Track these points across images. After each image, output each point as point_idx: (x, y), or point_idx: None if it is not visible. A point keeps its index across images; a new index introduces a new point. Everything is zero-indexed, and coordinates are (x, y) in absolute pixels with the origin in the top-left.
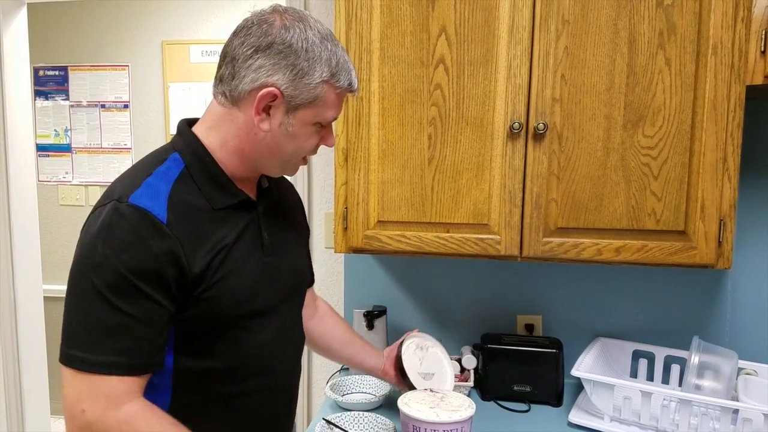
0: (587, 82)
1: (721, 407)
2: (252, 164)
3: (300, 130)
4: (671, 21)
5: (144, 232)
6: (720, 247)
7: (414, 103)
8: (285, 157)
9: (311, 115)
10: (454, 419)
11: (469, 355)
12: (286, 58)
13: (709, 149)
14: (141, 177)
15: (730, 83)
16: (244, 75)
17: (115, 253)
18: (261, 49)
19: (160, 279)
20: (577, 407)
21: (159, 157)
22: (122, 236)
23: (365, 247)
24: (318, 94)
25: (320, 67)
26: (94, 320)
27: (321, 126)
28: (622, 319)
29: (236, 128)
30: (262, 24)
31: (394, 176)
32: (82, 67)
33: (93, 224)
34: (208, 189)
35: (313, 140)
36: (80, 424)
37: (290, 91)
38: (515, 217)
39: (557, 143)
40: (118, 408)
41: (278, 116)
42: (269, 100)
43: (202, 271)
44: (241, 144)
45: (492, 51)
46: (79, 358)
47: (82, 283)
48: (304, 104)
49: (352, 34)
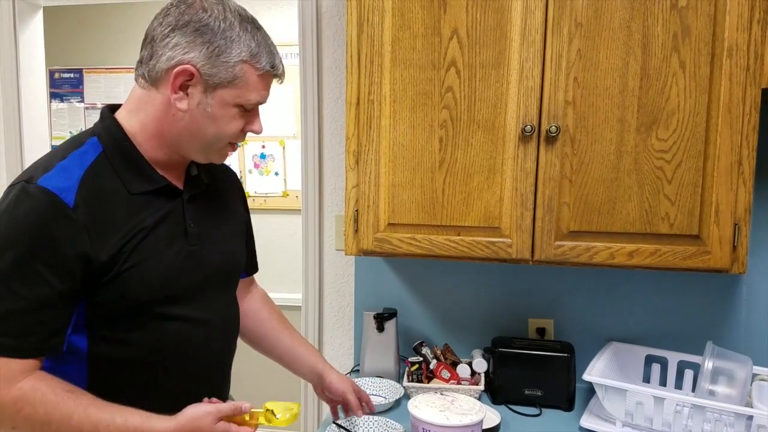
0: (600, 84)
1: (735, 413)
2: (172, 148)
3: (220, 111)
4: (685, 23)
5: (47, 215)
6: (734, 252)
7: (425, 106)
8: (206, 140)
9: (231, 96)
10: (464, 423)
11: (479, 358)
12: (203, 35)
13: (724, 152)
14: (55, 161)
15: (745, 86)
16: (161, 54)
17: (16, 234)
18: (177, 28)
19: (59, 263)
20: (589, 412)
21: (77, 142)
22: (25, 218)
23: (376, 250)
24: (237, 74)
25: (238, 47)
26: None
27: (245, 110)
28: (634, 323)
29: (155, 109)
30: (181, 5)
31: (404, 179)
32: (96, 70)
33: (1, 202)
34: (125, 173)
35: (236, 124)
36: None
37: (207, 69)
38: (527, 221)
39: (570, 146)
40: (11, 386)
41: (196, 95)
42: (186, 78)
43: (111, 257)
44: (160, 126)
45: (504, 53)
46: None
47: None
48: (222, 84)
49: (363, 38)
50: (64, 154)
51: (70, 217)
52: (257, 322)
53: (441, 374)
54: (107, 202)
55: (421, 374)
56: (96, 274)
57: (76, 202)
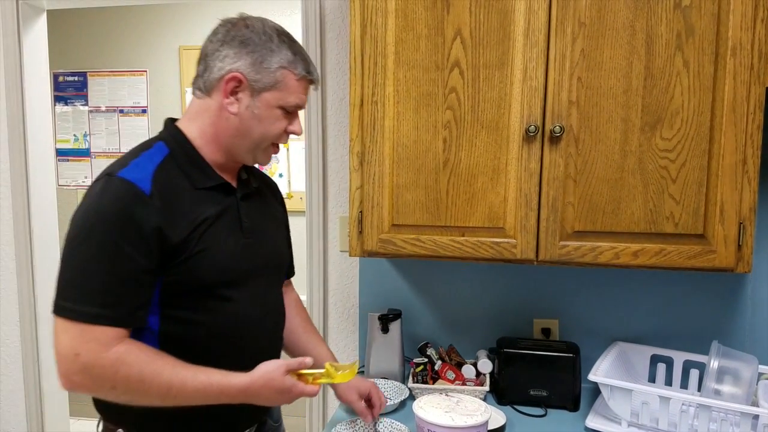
0: (604, 84)
1: (741, 413)
2: (227, 150)
3: (265, 113)
4: (689, 22)
5: (129, 200)
6: (739, 251)
7: (429, 107)
8: (254, 139)
9: (274, 99)
10: (469, 424)
11: (484, 359)
12: (247, 47)
13: (729, 152)
14: (130, 159)
15: (749, 85)
16: (213, 66)
17: (103, 216)
18: (226, 43)
19: (141, 242)
20: (594, 412)
21: (145, 145)
22: (110, 204)
23: (380, 251)
24: (278, 79)
25: (278, 55)
26: (84, 276)
27: (286, 112)
28: (640, 323)
29: (210, 116)
30: (227, 24)
31: (408, 180)
32: (100, 73)
33: (88, 195)
34: (189, 171)
35: (279, 124)
36: (76, 367)
37: (252, 75)
38: (531, 221)
39: (574, 146)
40: (109, 350)
41: (245, 99)
42: (235, 84)
43: (182, 240)
44: (215, 130)
45: (507, 54)
46: (69, 309)
47: (73, 243)
48: (267, 88)
49: (367, 39)
50: (136, 154)
51: (147, 202)
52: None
53: (446, 375)
54: (175, 194)
55: (426, 375)
56: (170, 254)
57: (151, 190)
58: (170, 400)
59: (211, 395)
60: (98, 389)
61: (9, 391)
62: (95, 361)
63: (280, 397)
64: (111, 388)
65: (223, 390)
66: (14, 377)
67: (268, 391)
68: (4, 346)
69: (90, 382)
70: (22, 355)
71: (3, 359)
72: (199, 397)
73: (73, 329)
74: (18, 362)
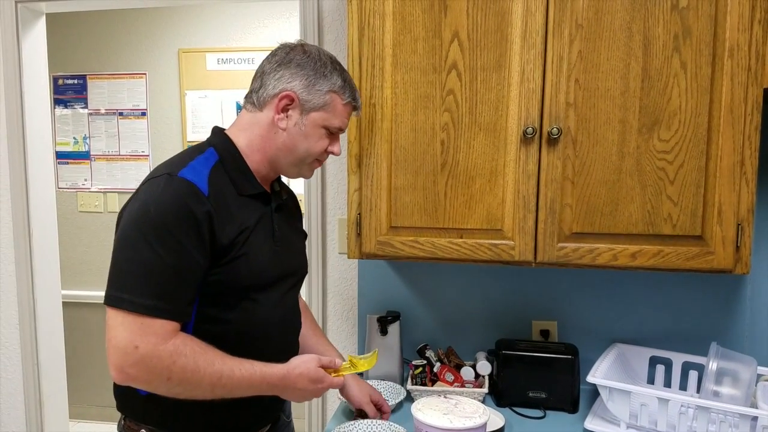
0: (601, 86)
1: (740, 414)
2: (271, 162)
3: (311, 131)
4: (686, 24)
5: (190, 198)
6: (738, 252)
7: (427, 109)
8: (299, 154)
9: (321, 119)
10: (468, 426)
11: (483, 361)
12: (303, 69)
13: (726, 153)
14: (186, 161)
15: (747, 86)
16: (269, 84)
17: (164, 212)
18: (283, 64)
19: (198, 238)
20: (593, 414)
21: (198, 150)
22: (172, 200)
23: (378, 253)
24: (327, 101)
25: (330, 80)
26: (144, 269)
27: (329, 132)
28: (638, 324)
29: (260, 129)
30: (286, 47)
31: (406, 182)
32: (100, 76)
33: (146, 191)
34: (236, 178)
35: (322, 143)
36: (133, 359)
37: (304, 95)
38: (529, 223)
39: (572, 148)
40: (167, 342)
41: (294, 117)
42: (287, 102)
43: (229, 243)
44: (263, 143)
45: (505, 56)
46: (128, 300)
47: (132, 236)
48: (315, 108)
49: (365, 41)
50: (191, 157)
51: (205, 203)
52: None
53: (445, 377)
54: (225, 198)
55: (425, 377)
56: (217, 255)
57: (209, 192)
58: (219, 389)
59: (254, 383)
60: (153, 381)
61: (8, 393)
62: (153, 353)
63: (311, 387)
64: (166, 379)
65: (265, 378)
66: (14, 380)
67: (303, 381)
68: (3, 348)
69: (146, 374)
70: (22, 357)
71: (2, 362)
72: (245, 385)
73: (132, 322)
74: (17, 365)
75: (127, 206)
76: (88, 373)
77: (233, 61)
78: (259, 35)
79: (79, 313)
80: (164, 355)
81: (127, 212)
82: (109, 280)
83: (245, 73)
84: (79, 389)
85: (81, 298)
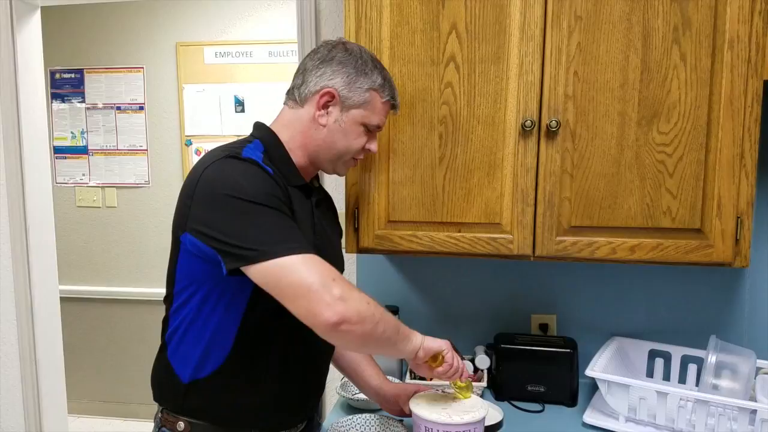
0: (600, 78)
1: (739, 407)
2: (311, 158)
3: (350, 128)
4: (686, 15)
5: (265, 175)
6: (737, 245)
7: (424, 102)
8: (338, 150)
9: (360, 116)
10: (466, 420)
11: (482, 355)
12: (345, 67)
13: (726, 145)
14: (238, 148)
15: (747, 78)
16: (311, 81)
17: (256, 182)
18: (326, 62)
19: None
20: (592, 407)
21: (245, 141)
22: (256, 173)
23: (376, 247)
24: (367, 99)
25: (371, 78)
26: (272, 224)
27: (367, 130)
28: (637, 318)
29: (301, 125)
30: (328, 45)
31: (404, 176)
32: (97, 70)
33: (220, 170)
34: (281, 168)
35: (360, 140)
36: (338, 291)
37: (345, 92)
38: (528, 216)
39: (570, 141)
40: None
41: (335, 113)
42: (328, 99)
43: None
44: (304, 139)
45: (503, 48)
46: (296, 247)
47: (242, 206)
48: (355, 105)
49: (362, 34)
50: (242, 146)
51: (275, 179)
52: None
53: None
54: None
55: None
56: None
57: (273, 171)
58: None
59: (402, 333)
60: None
61: (6, 389)
62: (344, 284)
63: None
64: (367, 303)
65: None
66: (12, 375)
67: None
68: (1, 344)
69: (355, 305)
70: (20, 352)
71: (0, 358)
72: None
73: (312, 261)
74: (15, 360)
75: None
76: (87, 368)
77: (231, 54)
78: (256, 28)
79: (78, 308)
80: (352, 286)
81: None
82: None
83: (243, 66)
84: (78, 384)
85: (79, 293)
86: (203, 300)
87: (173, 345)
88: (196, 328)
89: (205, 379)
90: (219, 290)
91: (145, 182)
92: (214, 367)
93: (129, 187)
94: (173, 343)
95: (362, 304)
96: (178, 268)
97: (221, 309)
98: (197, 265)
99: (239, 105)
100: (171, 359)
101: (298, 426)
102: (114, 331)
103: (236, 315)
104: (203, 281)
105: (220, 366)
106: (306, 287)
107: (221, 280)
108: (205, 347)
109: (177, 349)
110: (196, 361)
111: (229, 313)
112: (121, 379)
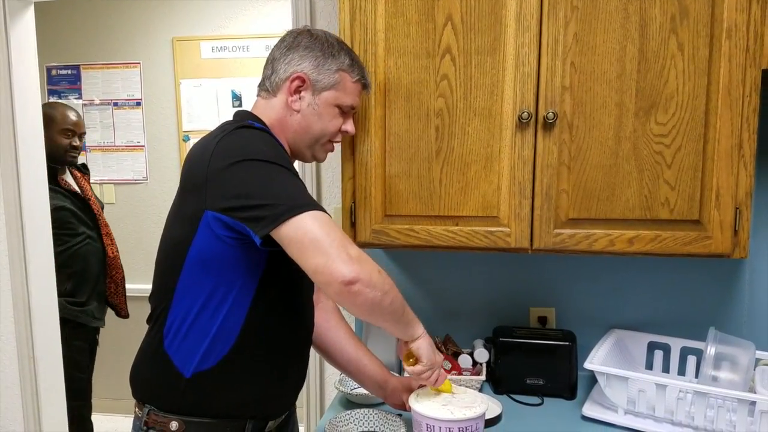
0: (597, 69)
1: (738, 399)
2: (290, 144)
3: (325, 110)
4: (683, 4)
5: (276, 141)
6: (736, 236)
7: (420, 95)
8: (314, 134)
9: (333, 98)
10: (468, 416)
11: (481, 348)
12: (311, 51)
13: (724, 136)
14: (241, 123)
15: (745, 67)
16: (280, 69)
17: (275, 146)
18: (292, 48)
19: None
20: (591, 400)
21: (239, 122)
22: (271, 140)
23: (373, 242)
24: (337, 80)
25: (338, 60)
26: (295, 184)
27: (342, 111)
28: (636, 310)
29: (276, 113)
30: (294, 33)
31: (401, 169)
32: (94, 66)
33: (239, 137)
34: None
35: (336, 122)
36: (355, 254)
37: (314, 75)
38: (525, 209)
39: (567, 132)
40: None
41: (307, 97)
42: (299, 84)
43: None
44: (281, 125)
45: (499, 39)
46: (319, 206)
47: (267, 167)
48: (326, 87)
49: (356, 26)
50: (242, 123)
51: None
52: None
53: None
54: None
55: None
56: None
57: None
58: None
59: (407, 314)
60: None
61: (5, 387)
62: (360, 250)
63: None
64: (378, 272)
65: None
66: (10, 374)
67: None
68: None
69: (368, 268)
70: (18, 351)
71: None
72: (409, 315)
73: (331, 220)
74: (14, 359)
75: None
76: None
77: (227, 48)
78: (253, 22)
79: None
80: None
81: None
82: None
83: (240, 60)
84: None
85: None
86: (213, 290)
87: (175, 337)
88: (203, 319)
89: (208, 371)
90: (230, 278)
91: (143, 178)
92: (218, 359)
93: (127, 183)
94: (176, 335)
95: (374, 271)
96: (187, 258)
97: (230, 300)
98: (216, 248)
99: (236, 99)
100: (170, 352)
101: (283, 414)
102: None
103: (244, 306)
104: (218, 269)
105: (224, 357)
106: (328, 243)
107: (236, 266)
108: (212, 339)
109: (180, 342)
110: (201, 354)
111: (237, 304)
112: (121, 376)
